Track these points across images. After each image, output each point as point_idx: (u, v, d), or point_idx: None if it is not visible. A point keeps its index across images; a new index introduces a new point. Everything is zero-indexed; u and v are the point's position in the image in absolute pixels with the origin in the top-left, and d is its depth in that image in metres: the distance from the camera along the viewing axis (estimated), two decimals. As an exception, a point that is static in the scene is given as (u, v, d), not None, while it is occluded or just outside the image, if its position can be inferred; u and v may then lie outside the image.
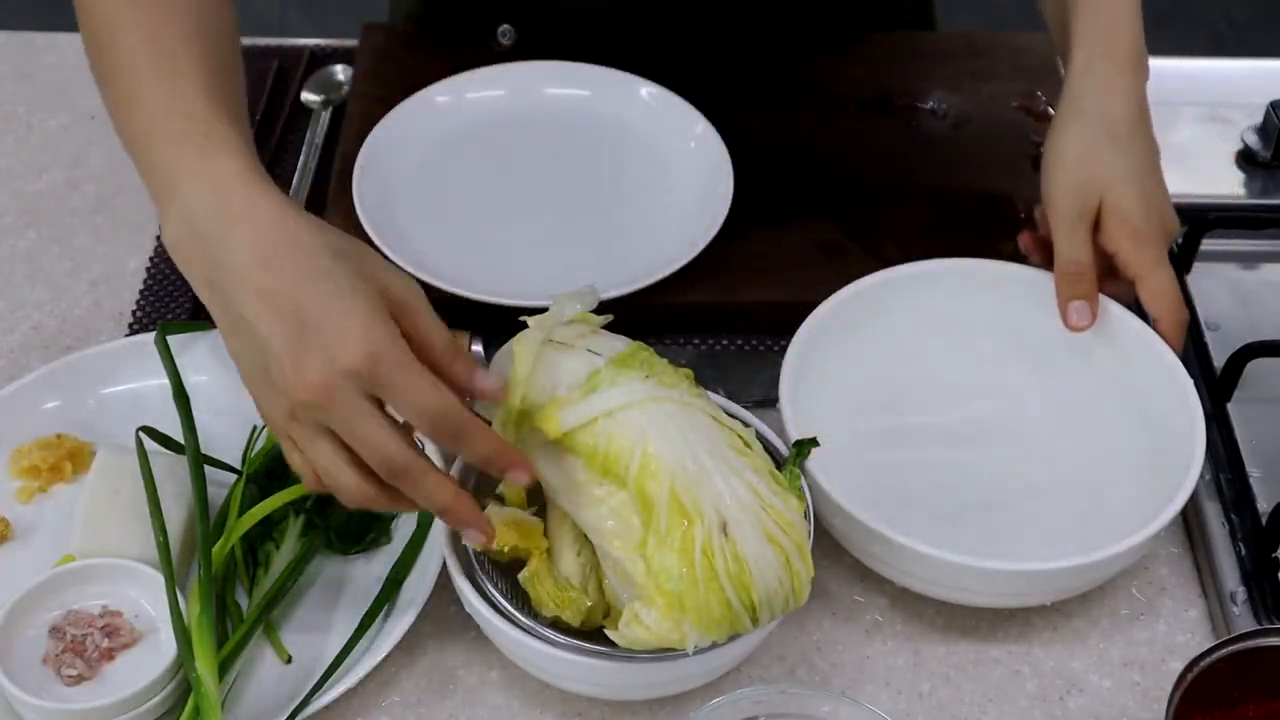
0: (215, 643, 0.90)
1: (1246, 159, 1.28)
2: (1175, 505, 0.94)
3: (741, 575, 0.83)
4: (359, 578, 0.99)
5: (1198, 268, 1.17)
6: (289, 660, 0.95)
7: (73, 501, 1.00)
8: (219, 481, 1.00)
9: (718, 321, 1.15)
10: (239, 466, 1.01)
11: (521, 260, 1.16)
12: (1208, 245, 1.17)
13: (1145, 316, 1.04)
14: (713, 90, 1.27)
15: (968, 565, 0.92)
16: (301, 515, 0.98)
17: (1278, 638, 0.88)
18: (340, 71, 1.35)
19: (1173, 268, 1.04)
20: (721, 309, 1.15)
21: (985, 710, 0.95)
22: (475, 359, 0.85)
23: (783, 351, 1.02)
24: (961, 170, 1.25)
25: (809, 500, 0.91)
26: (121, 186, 1.25)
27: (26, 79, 1.36)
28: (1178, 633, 0.99)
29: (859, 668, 0.97)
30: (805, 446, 0.92)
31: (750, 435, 0.88)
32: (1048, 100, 1.29)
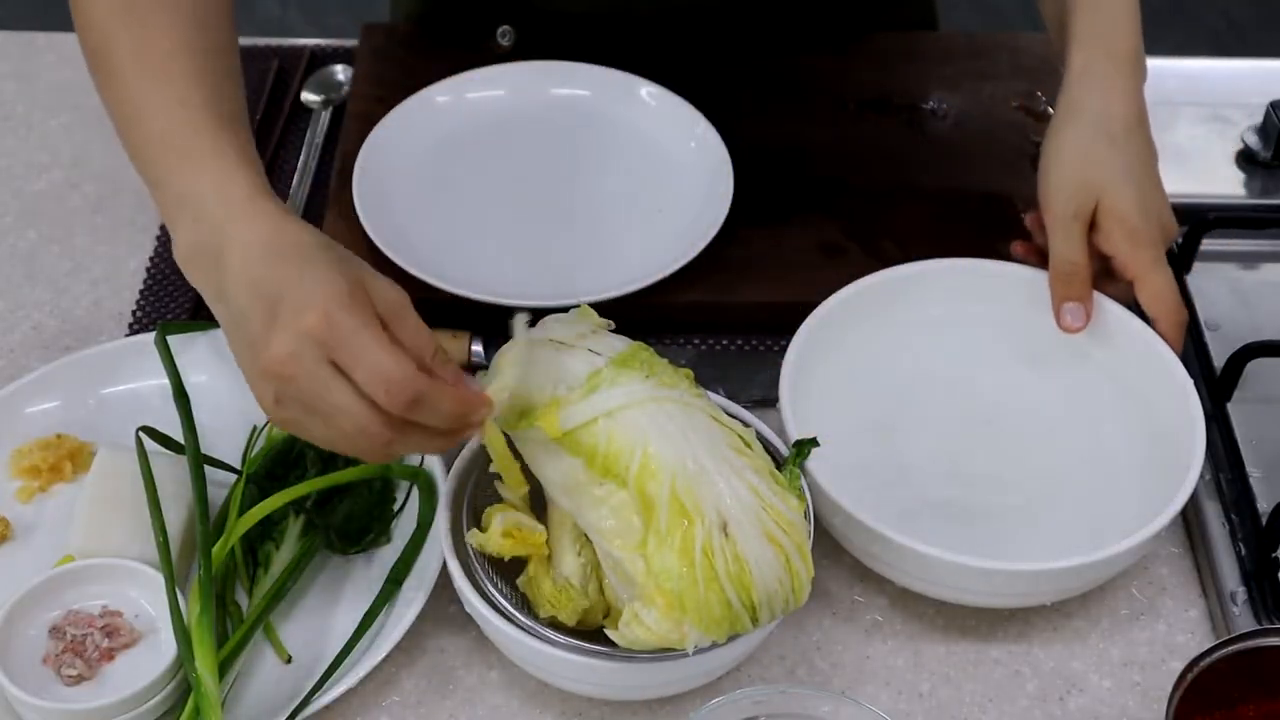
0: (215, 643, 0.90)
1: (1246, 159, 1.28)
2: (1175, 505, 0.94)
3: (742, 575, 0.83)
4: (359, 578, 0.99)
5: (1197, 268, 1.17)
6: (289, 660, 0.95)
7: (73, 501, 1.00)
8: (219, 481, 1.00)
9: (718, 321, 1.15)
10: (239, 466, 1.01)
11: (521, 260, 1.16)
12: (1207, 245, 1.17)
13: (1144, 317, 1.04)
14: (713, 90, 1.27)
15: (968, 565, 0.92)
16: (301, 515, 0.98)
17: (1278, 638, 0.88)
18: (340, 71, 1.35)
19: (1171, 268, 1.04)
20: (721, 309, 1.15)
21: (985, 710, 0.95)
22: (461, 370, 0.84)
23: (783, 351, 1.02)
24: (961, 170, 1.25)
25: (809, 500, 0.91)
26: (121, 186, 1.25)
27: (26, 79, 1.36)
28: (1178, 633, 0.99)
29: (859, 668, 0.97)
30: (805, 446, 0.92)
31: (750, 435, 0.88)
32: (1048, 100, 1.29)
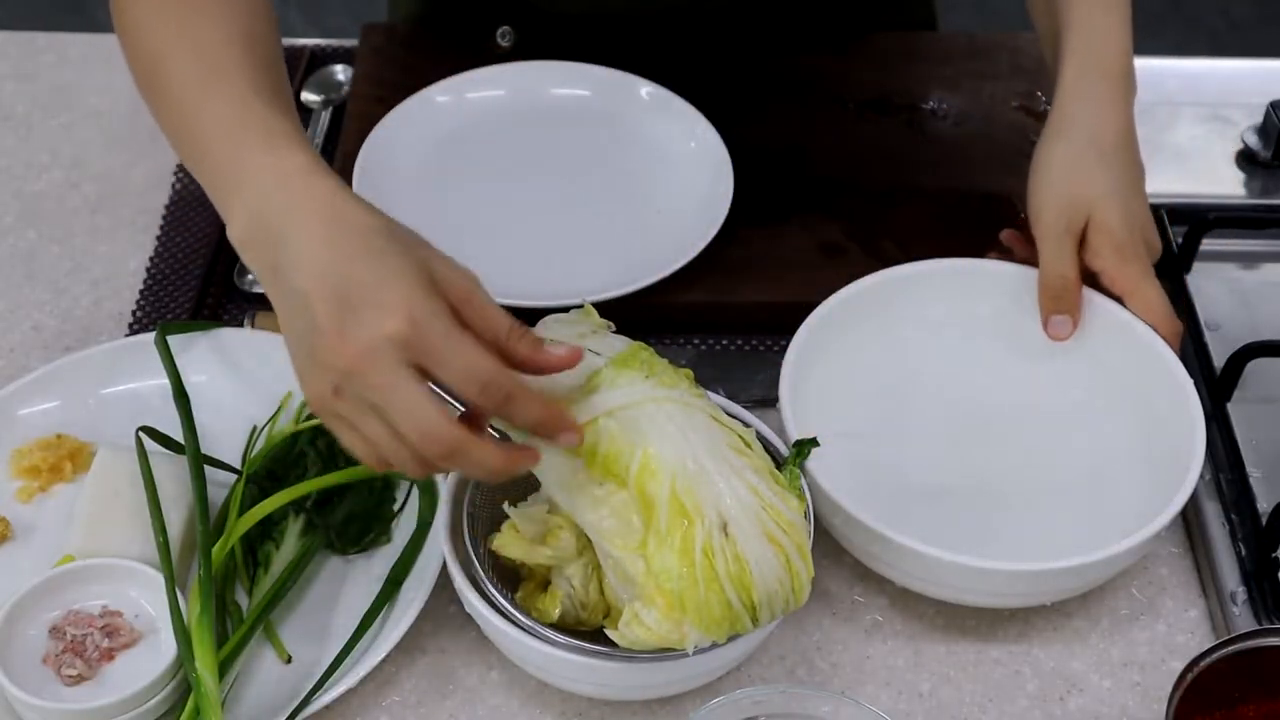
0: (215, 643, 0.90)
1: (1246, 159, 1.28)
2: (1175, 505, 0.94)
3: (742, 575, 0.83)
4: (359, 578, 0.99)
5: (1198, 268, 1.17)
6: (289, 660, 0.95)
7: (73, 501, 1.00)
8: (219, 481, 1.00)
9: (718, 321, 1.15)
10: (239, 466, 1.01)
11: (521, 260, 1.16)
12: (1207, 245, 1.17)
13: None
14: (713, 90, 1.27)
15: (968, 565, 0.92)
16: (301, 515, 0.98)
17: (1278, 638, 0.88)
18: (340, 71, 1.35)
19: (1171, 269, 1.04)
20: (721, 309, 1.15)
21: (985, 710, 0.95)
22: (539, 339, 0.84)
23: (783, 351, 1.02)
24: (961, 170, 1.25)
25: (809, 500, 0.91)
26: (121, 186, 1.25)
27: (26, 79, 1.36)
28: (1178, 633, 0.99)
29: (859, 668, 0.97)
30: (805, 446, 0.92)
31: (750, 435, 0.88)
32: (1048, 100, 1.28)
